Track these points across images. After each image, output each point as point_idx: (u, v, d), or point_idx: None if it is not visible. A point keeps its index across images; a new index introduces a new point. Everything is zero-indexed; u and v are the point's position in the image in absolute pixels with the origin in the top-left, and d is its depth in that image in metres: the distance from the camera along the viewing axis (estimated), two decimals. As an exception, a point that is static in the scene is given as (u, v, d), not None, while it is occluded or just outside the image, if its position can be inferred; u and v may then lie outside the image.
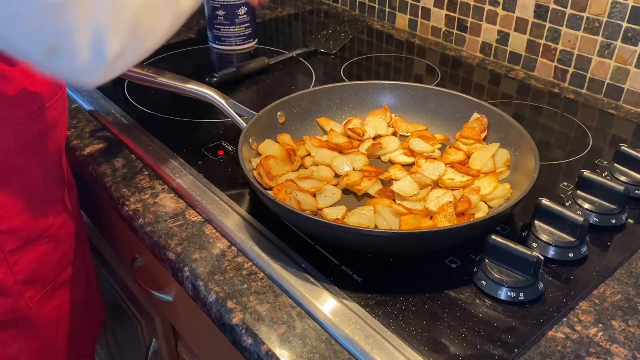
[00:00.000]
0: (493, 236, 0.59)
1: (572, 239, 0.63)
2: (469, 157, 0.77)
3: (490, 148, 0.77)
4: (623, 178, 0.74)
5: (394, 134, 0.84)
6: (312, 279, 0.61)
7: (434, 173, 0.74)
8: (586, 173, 0.70)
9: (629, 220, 0.70)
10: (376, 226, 0.66)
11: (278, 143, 0.79)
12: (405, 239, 0.60)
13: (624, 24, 0.94)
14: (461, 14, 1.18)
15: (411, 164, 0.78)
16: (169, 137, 0.86)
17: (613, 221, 0.68)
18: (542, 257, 0.57)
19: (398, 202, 0.69)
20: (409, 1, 1.28)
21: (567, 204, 0.71)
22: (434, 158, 0.78)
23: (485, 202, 0.70)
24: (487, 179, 0.71)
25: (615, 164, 0.76)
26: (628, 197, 0.68)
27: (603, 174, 0.72)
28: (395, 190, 0.71)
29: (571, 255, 0.63)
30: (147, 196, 0.76)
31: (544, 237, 0.64)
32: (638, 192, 0.73)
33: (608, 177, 0.72)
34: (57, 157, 0.76)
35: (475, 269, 0.61)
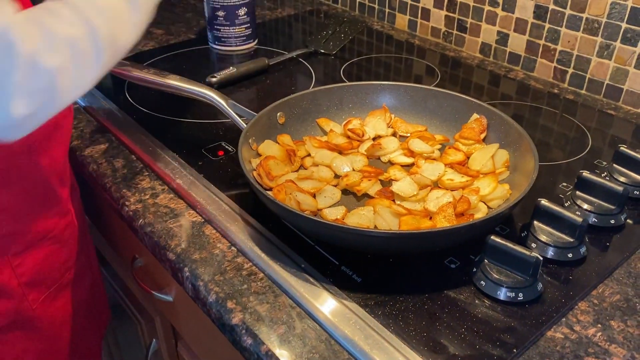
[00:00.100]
0: (492, 237, 0.60)
1: (571, 240, 0.63)
2: (469, 158, 0.78)
3: (489, 149, 0.77)
4: (622, 179, 0.74)
5: (394, 135, 0.84)
6: (312, 280, 0.61)
7: (434, 174, 0.75)
8: (585, 174, 0.70)
9: (628, 220, 0.70)
10: (376, 227, 0.67)
11: (278, 144, 0.79)
12: (404, 240, 0.61)
13: (623, 25, 0.95)
14: (461, 15, 1.18)
15: (411, 165, 0.79)
16: (169, 138, 0.87)
17: (612, 222, 0.68)
18: (541, 258, 0.57)
19: (397, 203, 0.69)
20: (409, 2, 1.28)
21: (566, 205, 0.71)
22: (434, 159, 0.79)
23: (484, 203, 0.70)
24: (487, 180, 0.72)
25: (614, 165, 0.76)
26: (627, 198, 0.68)
27: (602, 175, 0.72)
28: (394, 190, 0.71)
29: (570, 255, 0.63)
30: (147, 196, 0.76)
31: (543, 238, 0.64)
32: (637, 193, 0.73)
33: (607, 178, 0.72)
34: (62, 159, 0.76)
35: (474, 270, 0.61)
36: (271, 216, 0.69)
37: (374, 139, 0.83)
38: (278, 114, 0.81)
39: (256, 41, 1.22)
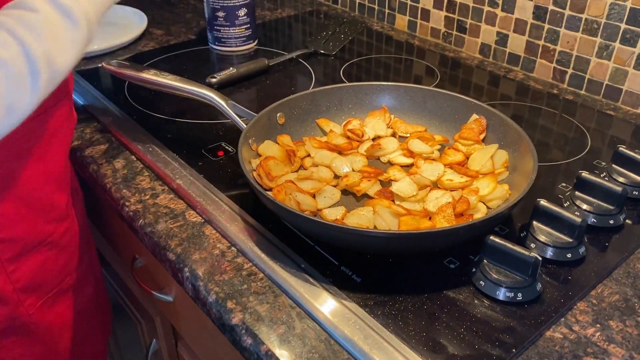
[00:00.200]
0: (491, 237, 0.60)
1: (570, 240, 0.63)
2: (468, 158, 0.78)
3: (489, 149, 0.77)
4: (621, 179, 0.74)
5: (393, 135, 0.85)
6: (312, 280, 0.62)
7: (433, 174, 0.75)
8: (584, 174, 0.70)
9: (627, 221, 0.70)
10: (375, 227, 0.67)
11: (278, 144, 0.79)
12: (404, 240, 0.61)
13: (623, 26, 0.95)
14: (460, 15, 1.19)
15: (410, 165, 0.79)
16: (169, 138, 0.87)
17: (611, 222, 0.69)
18: (540, 258, 0.57)
19: (397, 203, 0.70)
20: (409, 2, 1.28)
21: (566, 205, 0.71)
22: (433, 159, 0.79)
23: (484, 203, 0.70)
24: (486, 180, 0.72)
25: (613, 165, 0.76)
26: (626, 198, 0.68)
27: (601, 175, 0.73)
28: (394, 191, 0.71)
29: (569, 255, 0.63)
30: (148, 197, 0.76)
31: (542, 238, 0.64)
32: (636, 193, 0.74)
33: (606, 178, 0.72)
34: (60, 164, 0.75)
35: (473, 270, 0.61)
36: (271, 216, 0.69)
37: (374, 140, 0.83)
38: (278, 115, 0.82)
39: (256, 42, 1.22)
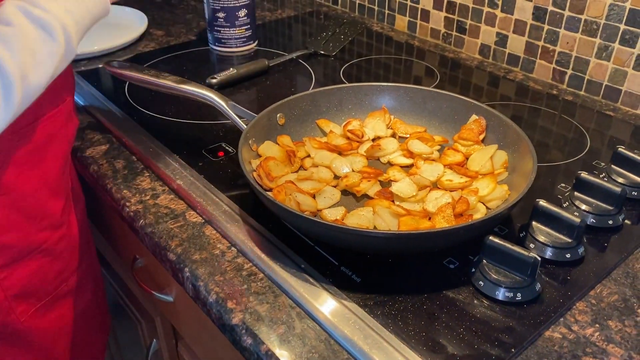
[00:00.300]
0: (491, 237, 0.60)
1: (570, 240, 0.63)
2: (468, 159, 0.78)
3: (488, 149, 0.77)
4: (620, 179, 0.75)
5: (393, 136, 0.85)
6: (312, 280, 0.62)
7: (433, 174, 0.75)
8: (584, 174, 0.70)
9: (626, 221, 0.70)
10: (375, 227, 0.67)
11: (278, 144, 0.79)
12: (403, 240, 0.61)
13: (622, 26, 0.95)
14: (460, 16, 1.19)
15: (410, 166, 0.79)
16: (170, 139, 0.87)
17: (610, 222, 0.69)
18: (540, 258, 0.58)
19: (397, 203, 0.70)
20: (408, 3, 1.28)
21: (565, 205, 0.71)
22: (433, 159, 0.79)
23: (483, 204, 0.70)
24: (485, 181, 0.72)
25: (612, 166, 0.76)
26: (625, 199, 0.69)
27: (600, 176, 0.73)
28: (394, 191, 0.71)
29: (568, 256, 0.64)
30: (148, 197, 0.76)
31: (542, 238, 0.64)
32: (635, 194, 0.74)
33: (605, 179, 0.72)
34: (56, 171, 0.73)
35: (473, 270, 0.62)
36: (271, 217, 0.69)
37: (374, 140, 0.83)
38: (278, 115, 0.82)
39: (256, 42, 1.22)
